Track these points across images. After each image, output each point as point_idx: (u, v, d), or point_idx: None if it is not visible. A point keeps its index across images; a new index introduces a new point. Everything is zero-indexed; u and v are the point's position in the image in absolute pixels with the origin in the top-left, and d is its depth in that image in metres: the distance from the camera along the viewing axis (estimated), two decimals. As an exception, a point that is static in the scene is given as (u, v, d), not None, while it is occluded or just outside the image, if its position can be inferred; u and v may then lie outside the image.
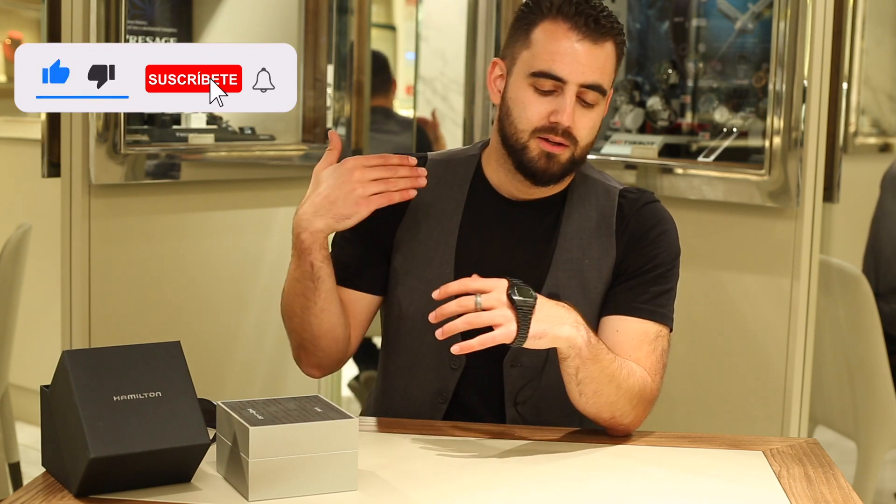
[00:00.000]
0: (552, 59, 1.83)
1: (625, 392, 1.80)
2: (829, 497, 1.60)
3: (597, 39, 1.83)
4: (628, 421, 1.83)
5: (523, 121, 1.85)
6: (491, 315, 1.69)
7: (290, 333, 1.95)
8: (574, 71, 1.82)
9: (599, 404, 1.80)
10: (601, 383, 1.78)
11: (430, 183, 1.95)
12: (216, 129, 2.97)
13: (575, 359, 1.75)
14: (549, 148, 1.84)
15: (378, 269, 1.97)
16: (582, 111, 1.85)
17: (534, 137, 1.85)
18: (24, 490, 1.53)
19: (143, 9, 3.03)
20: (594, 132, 1.89)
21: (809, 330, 2.75)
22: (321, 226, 1.81)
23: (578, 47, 1.82)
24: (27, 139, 3.95)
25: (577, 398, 1.80)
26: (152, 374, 1.53)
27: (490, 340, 1.69)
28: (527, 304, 1.69)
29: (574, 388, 1.79)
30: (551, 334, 1.72)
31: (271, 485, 1.50)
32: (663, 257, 1.92)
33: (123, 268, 2.70)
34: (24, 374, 3.57)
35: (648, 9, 3.32)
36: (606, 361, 1.78)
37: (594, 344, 1.77)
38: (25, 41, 4.82)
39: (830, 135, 2.74)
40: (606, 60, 1.85)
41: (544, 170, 1.86)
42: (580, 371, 1.76)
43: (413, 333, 1.95)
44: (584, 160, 1.91)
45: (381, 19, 7.34)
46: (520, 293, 1.70)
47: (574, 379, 1.77)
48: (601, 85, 1.85)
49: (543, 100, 1.84)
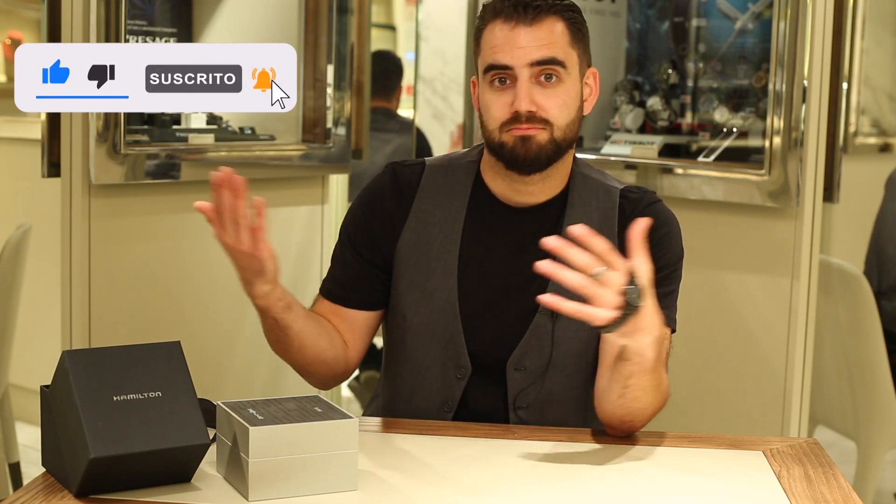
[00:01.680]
0: (494, 51, 1.86)
1: (655, 400, 1.80)
2: (829, 497, 1.60)
3: (531, 21, 1.84)
4: (640, 425, 1.83)
5: (491, 120, 1.87)
6: (601, 292, 1.60)
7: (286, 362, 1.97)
8: (516, 55, 1.84)
9: (632, 409, 1.79)
10: (645, 391, 1.77)
11: (430, 190, 1.96)
12: (216, 129, 2.97)
13: (635, 366, 1.73)
14: (519, 132, 1.85)
15: (376, 283, 1.96)
16: (543, 91, 1.85)
17: (504, 132, 1.86)
18: (24, 490, 1.53)
19: (143, 9, 3.03)
20: (568, 111, 1.87)
21: (809, 330, 2.75)
22: (254, 291, 1.80)
23: (515, 33, 1.84)
24: (27, 139, 3.95)
25: (613, 398, 1.78)
26: (152, 374, 1.53)
27: (583, 314, 1.60)
28: (635, 307, 1.62)
29: (618, 388, 1.77)
30: (635, 338, 1.68)
31: (271, 485, 1.50)
32: (667, 259, 1.92)
33: (123, 268, 2.70)
34: (24, 374, 3.57)
35: (648, 9, 3.32)
36: (658, 374, 1.77)
37: (660, 359, 1.76)
38: (25, 41, 4.82)
39: (830, 135, 2.74)
40: (552, 36, 1.85)
41: (524, 155, 1.85)
42: (633, 378, 1.75)
43: (417, 344, 1.95)
44: (570, 143, 1.89)
45: (381, 19, 7.34)
46: (635, 294, 1.61)
47: (622, 382, 1.76)
48: (553, 57, 1.84)
49: (503, 95, 1.86)
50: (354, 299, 1.97)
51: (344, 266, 1.97)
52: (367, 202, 1.98)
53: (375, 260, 1.96)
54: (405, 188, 1.96)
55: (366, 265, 1.96)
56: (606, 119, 3.26)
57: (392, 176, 1.98)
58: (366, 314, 1.98)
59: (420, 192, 1.96)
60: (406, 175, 1.98)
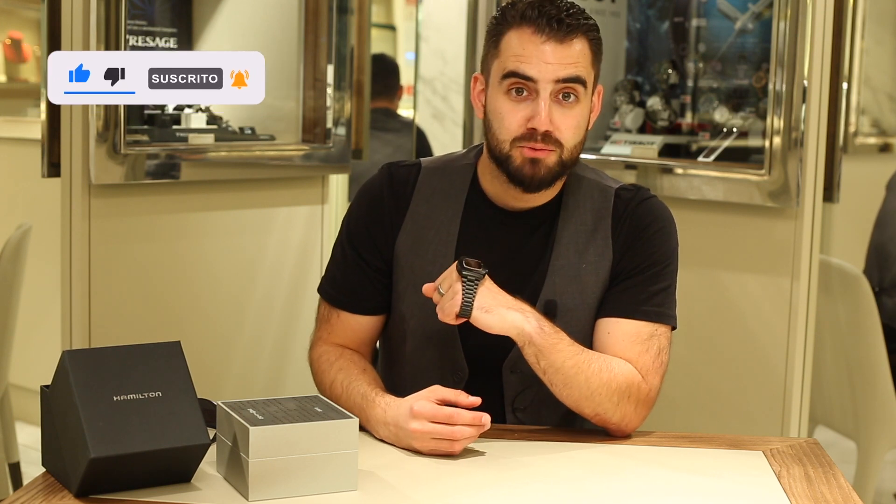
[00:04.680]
0: (519, 60, 1.83)
1: (599, 386, 1.80)
2: (829, 497, 1.60)
3: (563, 38, 1.83)
4: (616, 419, 1.83)
5: (503, 131, 1.85)
6: (448, 295, 1.76)
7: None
8: (543, 70, 1.82)
9: (574, 397, 1.81)
10: (567, 375, 1.79)
11: (426, 192, 1.96)
12: (216, 129, 2.97)
13: (530, 346, 1.78)
14: (531, 154, 1.83)
15: (380, 288, 1.97)
16: (561, 111, 1.84)
17: (515, 146, 1.84)
18: (24, 490, 1.53)
19: (143, 9, 3.03)
20: (580, 132, 1.87)
21: (809, 330, 2.75)
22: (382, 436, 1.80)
23: (545, 48, 1.82)
24: (27, 139, 3.95)
25: (552, 390, 1.83)
26: (152, 374, 1.53)
27: (439, 312, 1.77)
28: (472, 273, 1.75)
29: (543, 377, 1.81)
30: (499, 313, 1.76)
31: (271, 485, 1.50)
32: (658, 255, 1.92)
33: (123, 268, 2.70)
34: (24, 374, 3.57)
35: (648, 9, 3.32)
36: (569, 353, 1.79)
37: (550, 333, 1.78)
38: (25, 41, 4.82)
39: (830, 135, 2.74)
40: (579, 56, 1.84)
41: (531, 176, 1.85)
42: (540, 360, 1.79)
43: (415, 346, 1.95)
44: (574, 162, 1.89)
45: (381, 19, 7.33)
46: (466, 266, 1.75)
47: (538, 368, 1.80)
48: (578, 76, 1.83)
49: (519, 106, 1.84)
50: (360, 305, 1.97)
51: (346, 271, 1.97)
52: (366, 205, 1.98)
53: (377, 263, 1.96)
54: (401, 190, 1.96)
55: (369, 270, 1.96)
56: (606, 119, 3.26)
57: (388, 177, 1.98)
58: (374, 320, 1.98)
59: (416, 194, 1.96)
60: (402, 176, 1.97)
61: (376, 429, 1.78)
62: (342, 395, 1.86)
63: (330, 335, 1.98)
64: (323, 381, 1.92)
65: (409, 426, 1.71)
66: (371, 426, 1.79)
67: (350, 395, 1.85)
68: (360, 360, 1.95)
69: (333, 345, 1.97)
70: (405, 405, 1.73)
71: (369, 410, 1.79)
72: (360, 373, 1.89)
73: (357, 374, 1.88)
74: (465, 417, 1.71)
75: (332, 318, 1.98)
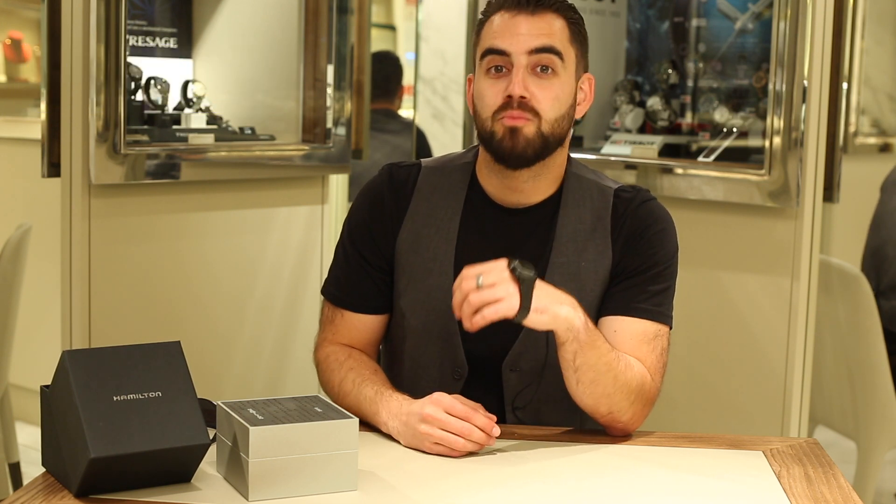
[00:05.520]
0: (492, 36, 1.86)
1: (622, 385, 1.80)
2: (829, 497, 1.60)
3: (533, 11, 1.85)
4: (626, 418, 1.83)
5: (484, 108, 1.87)
6: (493, 291, 1.69)
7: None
8: (514, 42, 1.84)
9: (597, 395, 1.80)
10: (598, 372, 1.78)
11: (426, 192, 1.96)
12: (216, 129, 2.97)
13: (573, 342, 1.75)
14: (510, 122, 1.84)
15: (382, 287, 1.97)
16: (539, 81, 1.85)
17: (496, 120, 1.86)
18: (24, 490, 1.53)
19: (143, 9, 3.03)
20: (559, 105, 1.87)
21: (809, 330, 2.75)
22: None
23: (516, 21, 1.85)
24: (27, 139, 3.95)
25: (574, 387, 1.80)
26: (152, 374, 1.53)
27: (493, 314, 1.69)
28: (530, 277, 1.70)
29: (571, 375, 1.79)
30: (552, 311, 1.72)
31: (271, 485, 1.50)
32: (660, 256, 1.92)
33: (123, 268, 2.70)
34: (24, 374, 3.57)
35: (648, 9, 3.32)
36: (604, 350, 1.79)
37: (592, 330, 1.77)
38: (25, 41, 4.82)
39: (830, 135, 2.74)
40: (552, 29, 1.86)
41: (511, 148, 1.85)
42: (578, 356, 1.76)
43: (416, 344, 1.95)
44: (556, 138, 1.88)
45: (381, 19, 7.33)
46: (522, 267, 1.70)
47: (571, 365, 1.78)
48: (551, 46, 1.85)
49: (498, 82, 1.86)
50: (363, 304, 1.97)
51: (349, 271, 1.98)
52: (367, 205, 1.99)
53: (380, 263, 1.96)
54: (402, 189, 1.97)
55: (371, 269, 1.96)
56: (606, 119, 3.26)
57: (389, 177, 1.99)
58: (374, 318, 1.98)
59: (416, 193, 1.96)
60: (402, 176, 1.98)
61: (386, 421, 1.78)
62: (352, 391, 1.86)
63: (335, 336, 1.98)
64: (331, 380, 1.92)
65: (423, 410, 1.71)
66: (380, 419, 1.79)
67: (361, 390, 1.85)
68: (369, 361, 1.95)
69: (340, 345, 1.97)
70: (425, 399, 1.74)
71: (382, 403, 1.79)
72: (373, 373, 1.90)
73: (369, 374, 1.89)
74: (481, 420, 1.71)
75: (336, 319, 1.99)
